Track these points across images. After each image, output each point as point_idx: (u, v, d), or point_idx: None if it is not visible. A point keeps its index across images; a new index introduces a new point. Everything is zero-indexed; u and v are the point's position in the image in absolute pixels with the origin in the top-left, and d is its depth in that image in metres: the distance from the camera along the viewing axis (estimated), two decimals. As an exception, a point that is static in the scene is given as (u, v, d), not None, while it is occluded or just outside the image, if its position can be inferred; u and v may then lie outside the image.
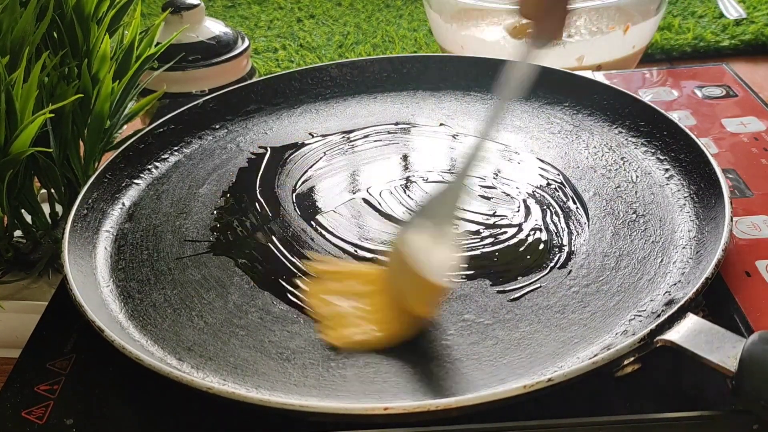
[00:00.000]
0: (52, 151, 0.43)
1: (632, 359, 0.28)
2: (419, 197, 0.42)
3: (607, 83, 0.50)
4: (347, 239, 0.39)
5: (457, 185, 0.36)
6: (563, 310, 0.33)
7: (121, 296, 0.37)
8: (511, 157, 0.46)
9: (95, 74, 0.45)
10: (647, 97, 0.51)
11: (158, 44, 0.51)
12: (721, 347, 0.28)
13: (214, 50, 0.66)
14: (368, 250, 0.38)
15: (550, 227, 0.39)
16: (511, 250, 0.38)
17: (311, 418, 0.28)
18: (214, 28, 0.68)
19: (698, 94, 0.52)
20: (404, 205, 0.42)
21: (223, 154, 0.49)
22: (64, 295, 0.35)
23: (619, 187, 0.42)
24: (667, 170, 0.42)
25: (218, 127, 0.52)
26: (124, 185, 0.45)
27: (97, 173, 0.43)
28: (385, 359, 0.31)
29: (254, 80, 0.56)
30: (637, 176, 0.42)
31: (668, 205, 0.40)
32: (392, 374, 0.31)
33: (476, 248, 0.38)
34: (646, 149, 0.45)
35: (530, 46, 0.37)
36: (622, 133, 0.47)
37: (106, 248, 0.40)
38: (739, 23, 0.81)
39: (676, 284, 0.34)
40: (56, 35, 0.44)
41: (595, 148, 0.46)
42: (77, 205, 0.41)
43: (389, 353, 0.32)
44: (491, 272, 0.36)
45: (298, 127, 0.52)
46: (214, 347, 0.33)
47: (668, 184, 0.41)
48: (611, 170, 0.43)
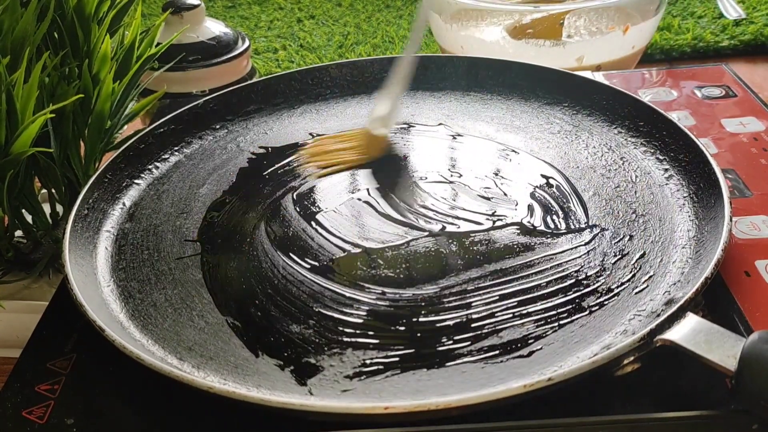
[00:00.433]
0: (52, 151, 0.43)
1: (632, 359, 0.28)
2: (419, 196, 0.43)
3: (606, 83, 0.50)
4: (347, 239, 0.39)
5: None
6: (564, 309, 0.33)
7: (121, 296, 0.37)
8: (510, 156, 0.46)
9: (96, 74, 0.45)
10: (647, 97, 0.51)
11: (159, 44, 0.51)
12: (721, 346, 0.28)
13: (214, 50, 0.66)
14: (368, 250, 0.38)
15: (549, 227, 0.39)
16: (510, 249, 0.38)
17: (312, 417, 0.28)
18: (214, 28, 0.68)
19: (698, 94, 0.52)
20: (404, 205, 0.42)
21: (223, 154, 0.49)
22: (64, 295, 0.35)
23: (618, 186, 0.42)
24: (666, 170, 0.42)
25: (218, 127, 0.52)
26: (124, 185, 0.45)
27: (97, 173, 0.43)
28: (385, 359, 0.31)
29: (254, 80, 0.56)
30: (636, 176, 0.42)
31: (668, 204, 0.40)
32: (392, 373, 0.31)
33: (476, 248, 0.38)
34: (645, 149, 0.45)
35: None
36: (621, 133, 0.47)
37: (106, 248, 0.40)
38: (738, 23, 0.81)
39: (675, 284, 0.34)
40: (57, 35, 0.44)
41: (594, 148, 0.46)
42: (78, 205, 0.41)
43: (390, 353, 0.32)
44: (490, 272, 0.36)
45: (298, 127, 0.52)
46: (214, 347, 0.33)
47: (667, 184, 0.41)
48: (611, 170, 0.43)
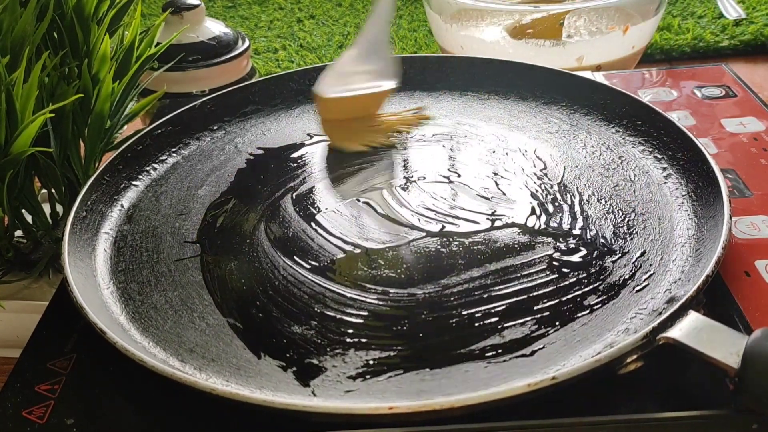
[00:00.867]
0: (52, 151, 0.43)
1: (635, 357, 0.28)
2: (418, 197, 0.43)
3: (604, 83, 0.50)
4: (347, 239, 0.39)
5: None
6: (565, 308, 0.34)
7: (121, 298, 0.36)
8: (508, 156, 0.46)
9: (95, 74, 0.45)
10: (647, 97, 0.52)
11: (158, 44, 0.51)
12: (723, 344, 0.28)
13: (214, 50, 0.66)
14: (368, 251, 0.38)
15: (549, 226, 0.39)
16: (510, 249, 0.38)
17: (315, 418, 0.28)
18: (214, 28, 0.68)
19: (697, 94, 0.52)
20: (404, 205, 0.42)
21: (221, 155, 0.49)
22: (64, 295, 0.35)
23: (617, 185, 0.42)
24: (664, 169, 0.42)
25: (216, 128, 0.52)
26: (122, 187, 0.45)
27: (95, 175, 0.43)
28: (388, 359, 0.31)
29: (252, 81, 0.56)
30: (635, 175, 0.42)
31: (666, 203, 0.40)
32: (395, 373, 0.31)
33: (476, 248, 0.38)
34: (643, 148, 0.45)
35: None
36: (619, 132, 0.47)
37: (105, 250, 0.40)
38: (738, 23, 0.81)
39: (676, 282, 0.34)
40: (56, 35, 0.44)
41: (592, 147, 0.46)
42: (76, 207, 0.40)
43: (392, 353, 0.32)
44: (491, 272, 0.36)
45: (296, 128, 0.52)
46: (216, 348, 0.33)
47: (666, 182, 0.41)
48: (609, 169, 0.43)
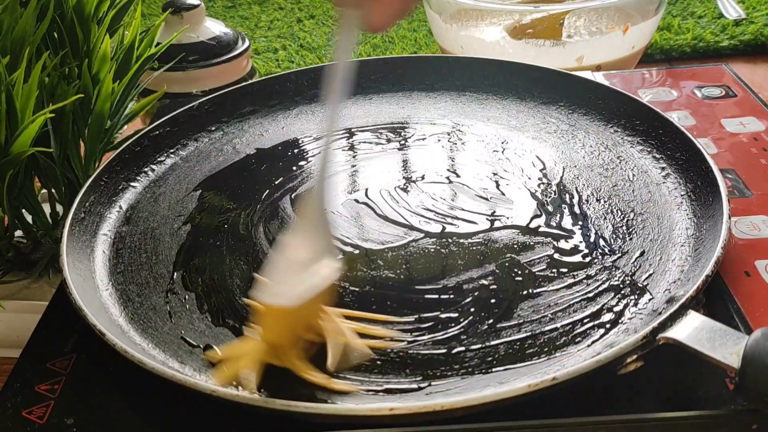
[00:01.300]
0: (52, 151, 0.43)
1: (635, 357, 0.28)
2: (417, 197, 0.43)
3: (602, 83, 0.50)
4: (346, 240, 0.39)
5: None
6: (565, 308, 0.34)
7: (120, 299, 0.36)
8: (507, 156, 0.46)
9: (96, 74, 0.45)
10: (647, 97, 0.52)
11: (158, 44, 0.51)
12: (723, 344, 0.28)
13: (214, 51, 0.66)
14: (368, 251, 0.38)
15: (548, 226, 0.39)
16: (509, 249, 0.38)
17: (316, 419, 0.28)
18: (214, 28, 0.68)
19: (697, 94, 0.52)
20: (402, 205, 0.42)
21: (219, 155, 0.49)
22: (64, 295, 0.35)
23: (616, 185, 0.42)
24: (663, 168, 0.42)
25: (214, 129, 0.52)
26: (120, 188, 0.45)
27: (93, 176, 0.43)
28: (388, 359, 0.31)
29: (250, 82, 0.56)
30: (633, 175, 0.42)
31: (665, 203, 0.40)
32: (396, 374, 0.31)
33: (476, 248, 0.38)
34: (641, 148, 0.45)
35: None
36: (617, 132, 0.47)
37: (104, 252, 0.40)
38: (738, 23, 0.81)
39: (675, 282, 0.34)
40: (57, 35, 0.44)
41: (591, 147, 0.46)
42: (74, 208, 0.40)
43: (391, 353, 0.32)
44: (490, 272, 0.36)
45: (294, 128, 0.52)
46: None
47: (665, 182, 0.41)
48: (608, 169, 0.43)
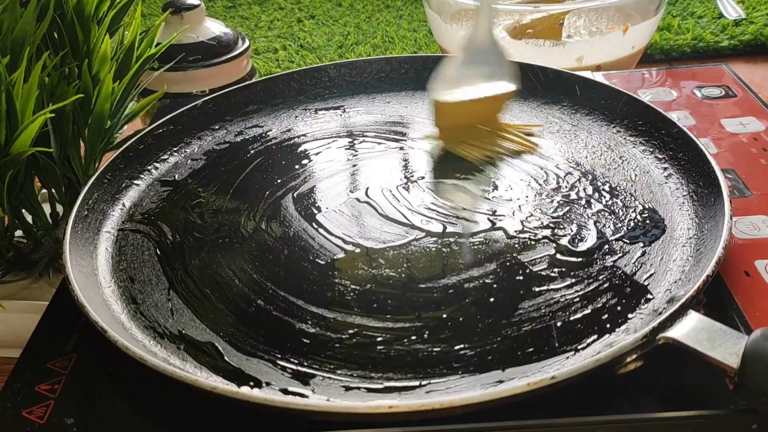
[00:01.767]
0: (52, 151, 0.43)
1: (635, 356, 0.28)
2: (418, 197, 0.43)
3: (604, 83, 0.50)
4: (348, 239, 0.39)
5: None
6: (565, 308, 0.34)
7: (122, 297, 0.37)
8: (509, 156, 0.46)
9: (96, 74, 0.45)
10: (647, 97, 0.52)
11: (158, 44, 0.51)
12: (723, 344, 0.28)
13: (214, 50, 0.66)
14: (369, 250, 0.38)
15: (549, 226, 0.39)
16: (510, 248, 0.38)
17: (315, 417, 0.28)
18: (214, 28, 0.68)
19: (697, 94, 0.52)
20: (404, 204, 0.42)
21: (222, 154, 0.49)
22: (64, 294, 0.35)
23: (618, 186, 0.42)
24: (665, 169, 0.42)
25: (217, 127, 0.52)
26: (124, 186, 0.45)
27: (96, 174, 0.43)
28: (389, 358, 0.31)
29: (253, 81, 0.56)
30: (635, 175, 0.42)
31: (667, 203, 0.40)
32: (396, 372, 0.31)
33: (477, 248, 0.38)
34: (644, 148, 0.45)
35: None
36: (620, 132, 0.47)
37: (107, 249, 0.40)
38: (738, 23, 0.81)
39: (676, 282, 0.34)
40: (57, 35, 0.44)
41: (593, 147, 0.46)
42: (77, 206, 0.41)
43: (392, 352, 0.32)
44: (491, 271, 0.36)
45: (296, 127, 0.52)
46: (217, 347, 0.33)
47: (667, 182, 0.41)
48: (610, 169, 0.43)
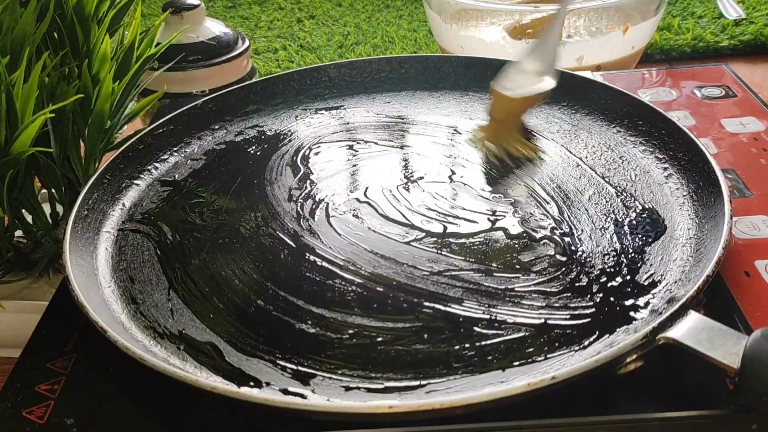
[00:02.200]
0: (52, 151, 0.43)
1: (635, 356, 0.28)
2: (418, 196, 0.43)
3: (604, 83, 0.50)
4: (348, 239, 0.39)
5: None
6: (565, 307, 0.34)
7: (122, 297, 0.37)
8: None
9: (96, 74, 0.45)
10: (647, 97, 0.52)
11: (158, 44, 0.51)
12: (723, 344, 0.28)
13: (214, 50, 0.66)
14: (369, 251, 0.39)
15: (549, 226, 0.39)
16: (510, 248, 0.38)
17: (315, 417, 0.28)
18: (214, 28, 0.68)
19: (697, 94, 0.52)
20: (404, 204, 0.42)
21: (222, 154, 0.49)
22: (64, 294, 0.35)
23: (618, 185, 0.42)
24: (665, 169, 0.42)
25: (217, 127, 0.52)
26: (124, 186, 0.45)
27: (96, 174, 0.43)
28: (389, 358, 0.31)
29: (253, 81, 0.56)
30: (636, 175, 0.42)
31: (667, 203, 0.40)
32: (396, 372, 0.31)
33: (477, 248, 0.38)
34: (644, 148, 0.45)
35: None
36: (620, 132, 0.47)
37: (107, 249, 0.40)
38: (738, 23, 0.81)
39: (676, 282, 0.34)
40: (56, 35, 0.44)
41: (593, 147, 0.46)
42: (77, 206, 0.40)
43: (392, 353, 0.32)
44: (492, 271, 0.36)
45: (297, 127, 0.52)
46: (217, 347, 0.33)
47: (667, 182, 0.41)
48: (610, 169, 0.43)
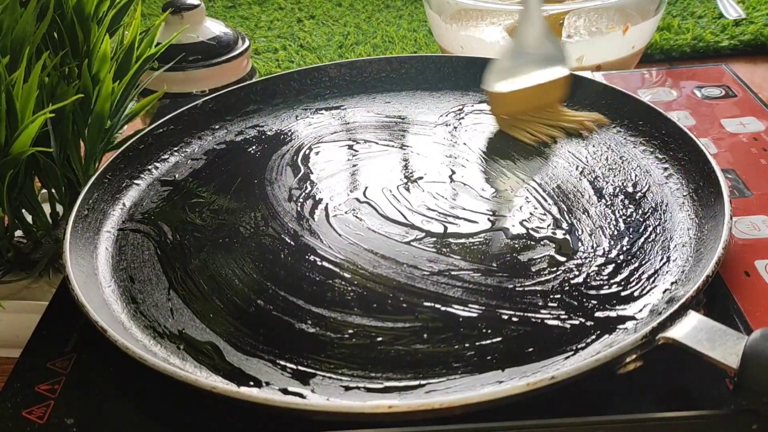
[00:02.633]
0: (52, 151, 0.43)
1: (634, 356, 0.28)
2: (419, 197, 0.43)
3: (605, 83, 0.50)
4: (348, 239, 0.39)
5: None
6: (565, 307, 0.34)
7: (122, 296, 0.37)
8: (509, 156, 0.46)
9: (95, 74, 0.45)
10: (647, 97, 0.52)
11: (158, 44, 0.51)
12: (723, 344, 0.28)
13: (214, 50, 0.66)
14: (369, 250, 0.39)
15: (550, 226, 0.39)
16: (510, 248, 0.38)
17: (315, 417, 0.28)
18: (214, 28, 0.68)
19: (697, 94, 0.52)
20: (404, 204, 0.42)
21: (222, 154, 0.49)
22: (64, 294, 0.35)
23: (618, 185, 0.42)
24: (666, 169, 0.42)
25: (218, 127, 0.52)
26: (124, 186, 0.45)
27: (97, 174, 0.43)
28: (389, 358, 0.31)
29: (253, 81, 0.56)
30: (636, 175, 0.42)
31: (667, 203, 0.40)
32: (396, 372, 0.31)
33: (477, 248, 0.38)
34: (644, 148, 0.45)
35: None
36: (620, 132, 0.47)
37: (107, 249, 0.40)
38: (738, 23, 0.81)
39: (676, 282, 0.34)
40: (56, 35, 0.44)
41: (594, 147, 0.46)
42: (78, 205, 0.41)
43: (392, 352, 0.32)
44: (492, 271, 0.36)
45: (297, 127, 0.52)
46: (217, 347, 0.33)
47: (667, 182, 0.41)
48: (610, 169, 0.43)
